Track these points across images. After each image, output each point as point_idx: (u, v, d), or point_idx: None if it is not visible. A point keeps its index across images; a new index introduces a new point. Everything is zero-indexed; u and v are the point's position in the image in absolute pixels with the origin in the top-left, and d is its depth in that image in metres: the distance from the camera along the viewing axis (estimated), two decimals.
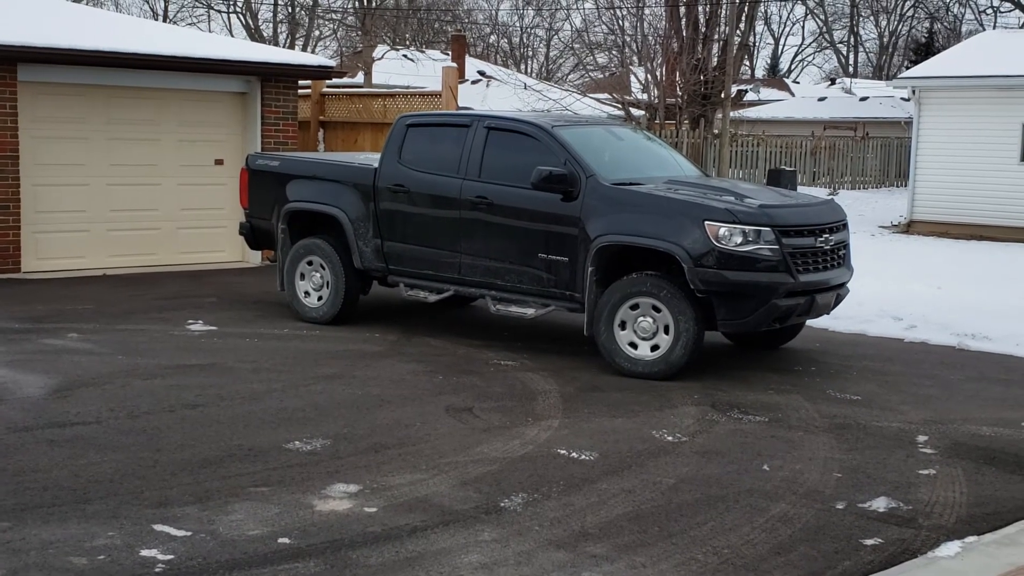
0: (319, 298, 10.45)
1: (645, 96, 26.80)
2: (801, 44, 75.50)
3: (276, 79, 14.51)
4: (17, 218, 12.69)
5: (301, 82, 15.44)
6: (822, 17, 66.96)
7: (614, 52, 31.26)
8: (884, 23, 66.57)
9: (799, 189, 10.76)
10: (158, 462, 6.13)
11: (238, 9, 52.13)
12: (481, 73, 41.73)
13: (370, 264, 10.16)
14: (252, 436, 6.68)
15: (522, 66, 62.19)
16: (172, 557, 4.82)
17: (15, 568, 4.66)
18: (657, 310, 8.46)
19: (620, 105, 26.56)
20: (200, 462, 6.15)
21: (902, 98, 34.53)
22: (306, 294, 10.55)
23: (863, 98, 42.84)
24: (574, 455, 6.50)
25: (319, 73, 15.44)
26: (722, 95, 25.31)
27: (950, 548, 5.22)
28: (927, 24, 61.36)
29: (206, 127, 14.29)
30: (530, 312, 9.32)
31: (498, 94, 33.97)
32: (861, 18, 67.29)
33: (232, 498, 5.58)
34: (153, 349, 9.06)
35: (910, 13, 63.52)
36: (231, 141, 14.49)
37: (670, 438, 6.94)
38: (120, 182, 13.59)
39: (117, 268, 13.49)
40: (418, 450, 6.51)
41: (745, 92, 35.56)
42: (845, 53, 69.88)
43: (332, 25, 47.56)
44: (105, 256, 13.53)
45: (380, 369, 8.63)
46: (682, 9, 26.48)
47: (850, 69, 66.97)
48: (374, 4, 41.65)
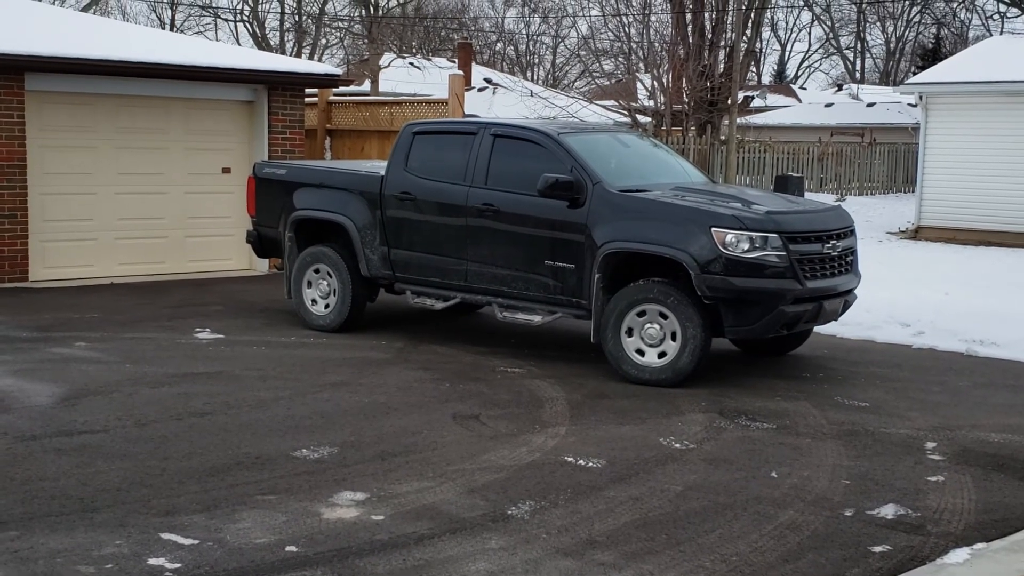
0: (326, 306, 10.46)
1: (651, 103, 26.80)
2: (808, 50, 75.46)
3: (283, 87, 14.54)
4: (25, 227, 12.72)
5: (308, 90, 15.47)
6: (829, 23, 66.97)
7: (620, 59, 31.26)
8: (891, 29, 66.59)
9: (806, 195, 10.75)
10: (165, 470, 6.13)
11: (245, 18, 52.30)
12: (487, 80, 41.84)
13: (377, 272, 10.17)
14: (259, 444, 6.68)
15: (528, 73, 62.30)
16: (180, 566, 4.82)
17: None
18: (664, 317, 8.46)
19: (626, 112, 26.57)
20: (207, 470, 6.15)
21: (909, 104, 34.48)
22: (313, 302, 10.55)
23: (870, 104, 42.81)
24: (581, 462, 6.50)
25: (326, 81, 15.47)
26: (728, 101, 25.30)
27: (959, 555, 5.21)
28: (934, 30, 61.31)
29: (213, 135, 14.32)
30: (537, 319, 9.32)
31: (504, 101, 34.04)
32: (868, 24, 67.32)
33: (239, 506, 5.58)
34: (160, 357, 9.08)
35: (917, 19, 63.51)
36: (238, 149, 14.52)
37: (677, 445, 6.93)
38: (127, 191, 13.62)
39: (125, 277, 13.51)
40: (425, 458, 6.51)
41: (752, 98, 35.58)
42: (852, 59, 69.91)
43: (339, 33, 47.69)
44: (113, 265, 13.56)
45: (387, 377, 8.63)
46: (688, 16, 26.49)
47: (857, 75, 66.97)
48: (380, 12, 41.76)
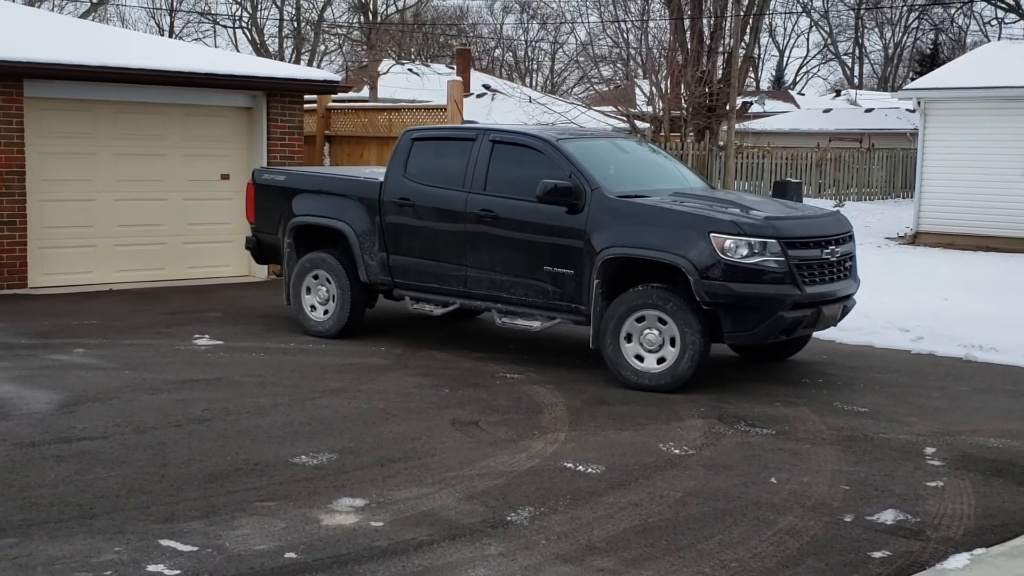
0: (325, 312, 10.46)
1: (650, 108, 26.85)
2: (806, 56, 75.60)
3: (282, 94, 14.55)
4: (24, 233, 12.72)
5: (307, 96, 15.48)
6: (827, 29, 67.08)
7: (619, 65, 31.31)
8: (889, 35, 66.71)
9: (805, 201, 10.75)
10: (164, 477, 6.13)
11: (244, 24, 52.39)
12: (486, 87, 41.88)
13: (376, 278, 10.17)
14: (258, 450, 6.68)
15: (527, 79, 62.38)
16: (179, 572, 4.82)
17: None
18: (663, 322, 8.46)
19: (625, 118, 26.61)
20: (206, 477, 6.15)
21: (907, 109, 34.57)
22: (312, 308, 10.56)
23: (868, 110, 42.88)
24: (580, 468, 6.49)
25: (324, 88, 15.48)
26: (727, 107, 25.34)
27: (958, 560, 5.20)
28: (932, 36, 61.46)
29: (212, 142, 14.33)
30: (536, 325, 9.31)
31: (503, 107, 34.08)
32: (866, 30, 67.43)
33: (239, 513, 5.58)
34: (159, 364, 9.07)
35: (915, 25, 63.66)
36: (237, 156, 14.53)
37: (677, 451, 6.93)
38: (126, 197, 13.63)
39: (123, 283, 13.51)
40: (424, 464, 6.50)
41: (750, 104, 35.60)
42: (850, 65, 70.00)
43: (337, 40, 47.75)
44: (111, 271, 13.56)
45: (386, 383, 8.63)
46: (687, 22, 26.53)
47: (855, 81, 67.06)
48: (379, 19, 41.80)
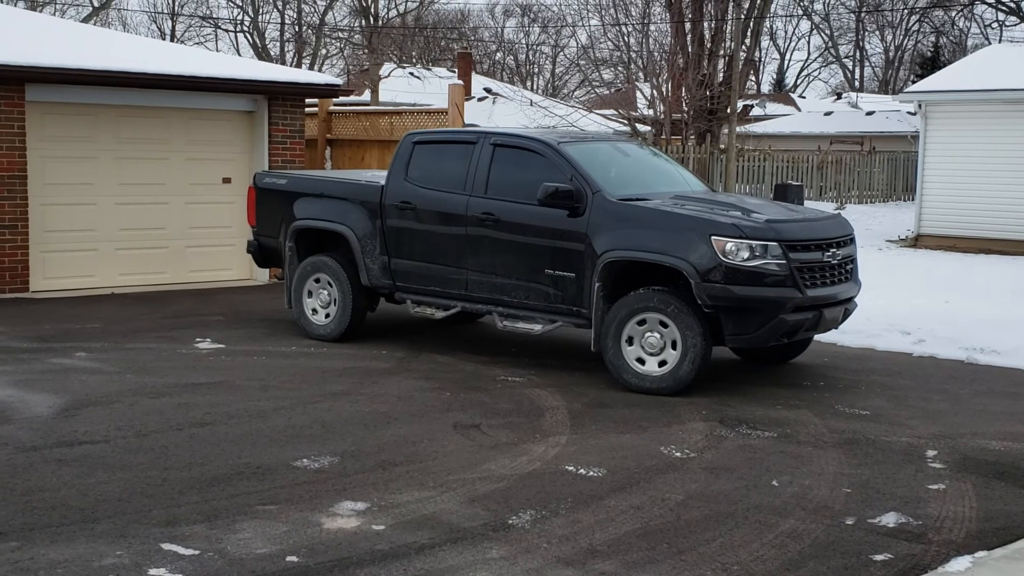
0: (327, 315, 10.47)
1: (651, 112, 26.86)
2: (807, 59, 75.58)
3: (283, 97, 14.57)
4: (25, 237, 12.74)
5: (308, 100, 15.50)
6: (827, 32, 67.07)
7: (620, 68, 31.31)
8: (890, 37, 66.71)
9: (806, 203, 10.75)
10: (166, 480, 6.13)
11: (245, 28, 52.44)
12: (487, 90, 41.90)
13: (377, 281, 10.18)
14: (260, 454, 6.68)
15: (528, 83, 62.41)
16: None
17: None
18: (664, 325, 8.46)
19: (626, 121, 26.61)
20: (208, 480, 6.15)
21: (908, 112, 34.54)
22: (314, 311, 10.56)
23: (869, 112, 42.89)
24: (582, 472, 6.49)
25: (326, 91, 15.49)
26: (728, 110, 25.35)
27: (960, 563, 5.20)
28: (933, 38, 61.42)
29: (214, 146, 14.35)
30: (537, 328, 9.32)
31: (504, 111, 34.08)
32: (867, 32, 67.41)
33: (240, 516, 5.58)
34: (161, 367, 9.08)
35: (916, 27, 63.60)
36: (239, 159, 14.54)
37: (678, 454, 6.93)
38: (128, 201, 13.64)
39: (125, 287, 13.52)
40: (426, 467, 6.51)
41: (751, 107, 35.63)
42: (851, 67, 70.00)
43: (339, 43, 47.78)
44: (113, 275, 13.57)
45: (387, 386, 8.63)
46: (687, 25, 26.54)
47: (856, 83, 67.05)
48: (380, 22, 41.84)
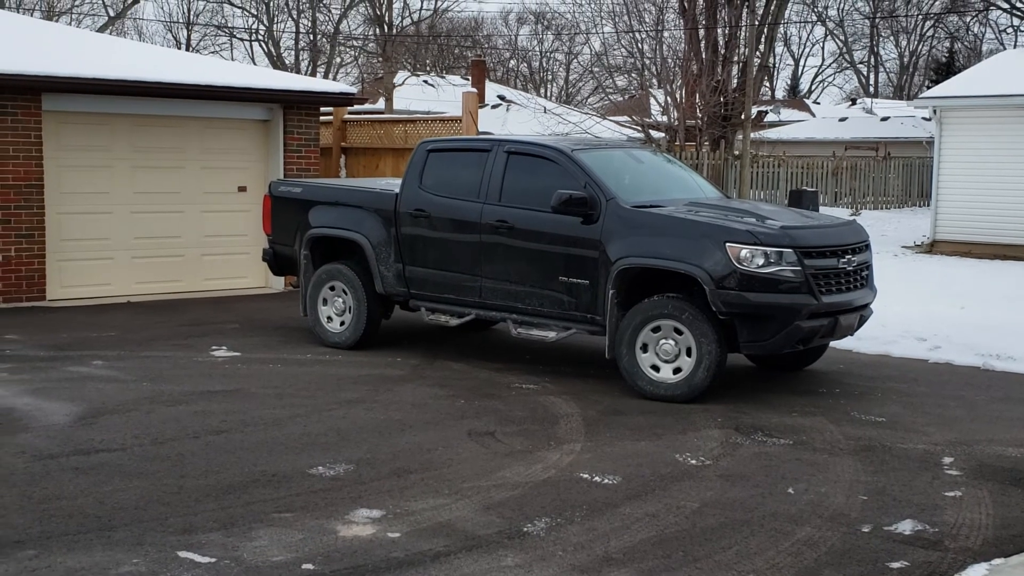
0: (341, 323, 10.49)
1: (665, 118, 26.85)
2: (821, 65, 75.47)
3: (298, 106, 14.61)
4: (42, 246, 12.80)
5: (323, 109, 15.54)
6: (842, 38, 66.95)
7: (633, 75, 31.33)
8: (904, 43, 66.54)
9: (821, 210, 10.74)
10: (183, 488, 6.15)
11: (260, 37, 52.63)
12: (501, 98, 41.94)
13: (392, 289, 10.20)
14: (276, 462, 6.69)
15: (542, 90, 62.44)
16: None
17: None
18: (679, 332, 8.45)
19: (640, 128, 26.61)
20: (224, 488, 6.17)
21: (923, 118, 34.42)
22: (329, 319, 10.58)
23: (884, 118, 42.76)
24: (597, 479, 6.49)
25: (340, 100, 15.54)
26: (742, 116, 25.31)
27: (977, 571, 5.18)
28: (947, 44, 61.24)
29: (229, 154, 14.40)
30: (551, 335, 9.32)
31: (518, 118, 34.12)
32: (881, 38, 67.27)
33: (256, 524, 5.59)
34: (177, 375, 9.11)
35: (930, 33, 63.44)
36: (254, 168, 14.59)
37: (694, 461, 6.92)
38: (144, 210, 13.70)
39: (141, 295, 13.57)
40: (441, 475, 6.51)
41: (765, 113, 35.57)
42: (865, 73, 69.84)
43: (353, 52, 47.90)
44: (129, 283, 13.62)
45: (402, 394, 8.64)
46: (701, 32, 26.53)
47: (871, 89, 66.87)
48: (395, 31, 41.94)
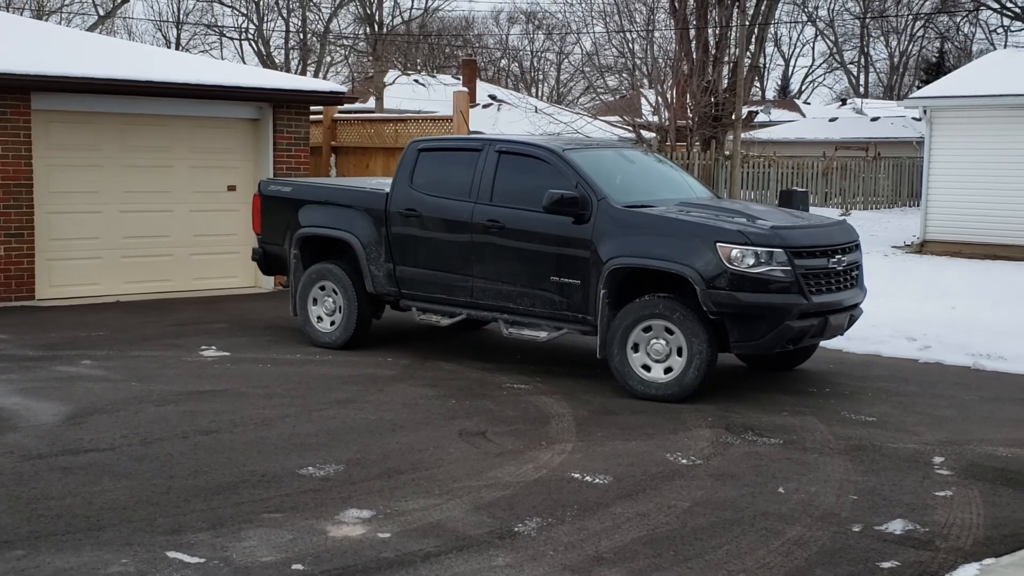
0: (332, 323, 10.47)
1: (656, 118, 26.84)
2: (811, 65, 75.67)
3: (288, 105, 14.58)
4: (31, 245, 12.75)
5: (313, 108, 15.51)
6: (832, 38, 67.08)
7: (624, 75, 31.36)
8: (894, 43, 66.69)
9: (811, 210, 10.74)
10: (171, 488, 6.13)
11: (250, 36, 52.52)
12: (492, 97, 41.92)
13: (382, 288, 10.18)
14: (265, 462, 6.67)
15: (533, 90, 62.43)
16: None
17: None
18: (670, 332, 8.45)
19: (631, 127, 26.60)
20: (213, 488, 6.14)
21: (913, 118, 34.48)
22: (319, 319, 10.56)
23: (874, 118, 42.83)
24: (588, 479, 6.48)
25: (330, 99, 15.51)
26: (733, 116, 25.33)
27: (968, 571, 5.19)
28: (937, 44, 61.39)
29: (218, 153, 14.36)
30: (543, 335, 9.31)
31: (509, 118, 34.08)
32: (871, 38, 67.41)
33: (246, 524, 5.57)
34: (166, 375, 9.08)
35: (920, 33, 63.61)
36: (243, 167, 14.56)
37: (684, 461, 6.91)
38: (133, 209, 13.66)
39: (130, 295, 13.53)
40: (431, 475, 6.50)
41: (756, 113, 35.59)
42: (856, 73, 69.97)
43: (343, 51, 47.85)
44: (119, 283, 13.58)
45: (393, 394, 8.62)
46: (692, 31, 26.55)
47: (861, 89, 67.00)
48: (385, 30, 41.89)
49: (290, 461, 6.70)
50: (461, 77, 43.86)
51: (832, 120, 44.42)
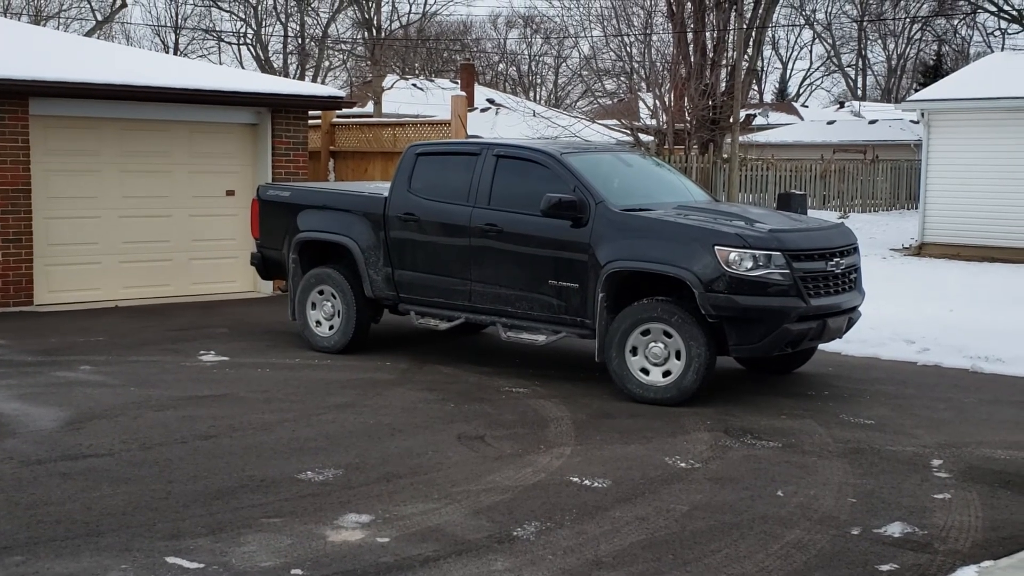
0: (330, 327, 10.47)
1: (654, 122, 26.85)
2: (809, 68, 75.68)
3: (286, 110, 14.59)
4: (29, 251, 12.75)
5: (311, 112, 15.52)
6: (830, 41, 67.13)
7: (622, 79, 31.36)
8: (892, 46, 66.73)
9: (809, 213, 10.75)
10: (170, 494, 6.13)
11: (248, 41, 52.56)
12: (490, 101, 41.91)
13: (381, 292, 10.18)
14: (264, 467, 6.67)
15: (531, 94, 62.45)
16: None
17: None
18: (668, 336, 8.45)
19: (629, 131, 26.62)
20: (212, 493, 6.15)
21: (911, 120, 34.57)
22: (317, 323, 10.56)
23: (872, 121, 42.88)
24: (587, 483, 6.48)
25: (329, 103, 15.52)
26: (731, 120, 25.35)
27: (966, 573, 5.19)
28: (935, 47, 61.45)
29: (217, 158, 14.37)
30: (541, 339, 9.31)
31: (507, 122, 34.10)
32: (869, 41, 67.46)
33: (245, 529, 5.57)
34: (165, 380, 9.08)
35: (918, 36, 63.64)
36: (242, 172, 14.56)
37: (683, 464, 6.92)
38: (132, 214, 13.66)
39: (129, 300, 13.53)
40: (430, 479, 6.50)
41: (754, 116, 35.62)
42: (853, 76, 70.02)
43: (342, 55, 47.87)
44: (117, 288, 13.58)
45: (391, 398, 8.63)
46: (690, 35, 26.57)
47: (859, 92, 67.05)
48: (383, 34, 41.92)
49: (289, 466, 6.70)
50: (459, 81, 43.87)
51: (830, 123, 44.47)
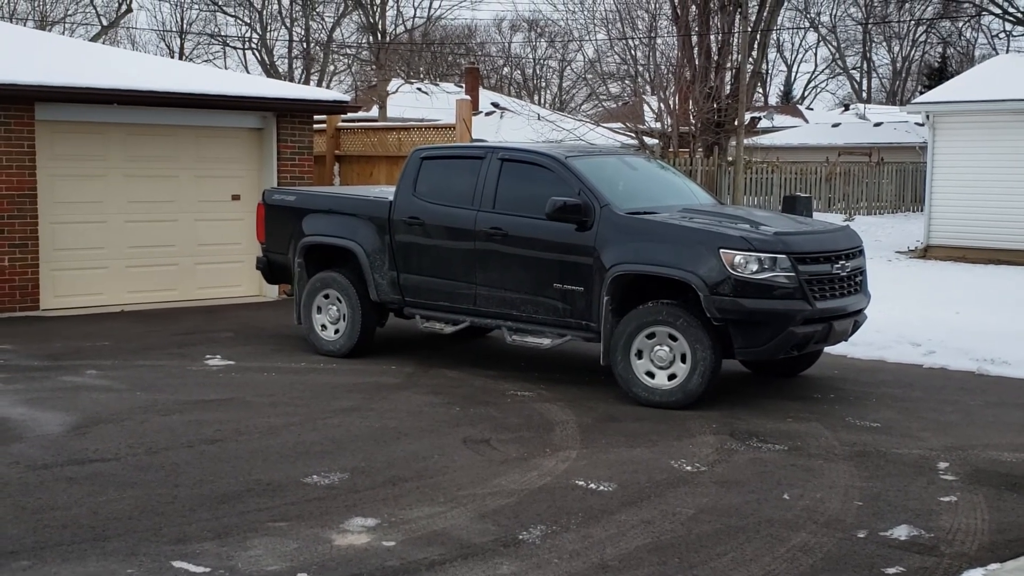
0: (336, 331, 10.48)
1: (658, 125, 26.85)
2: (814, 71, 75.65)
3: (292, 114, 14.61)
4: (36, 256, 12.77)
5: (316, 117, 15.55)
6: (835, 44, 67.08)
7: (627, 82, 31.35)
8: (897, 49, 66.66)
9: (815, 215, 10.74)
10: (177, 498, 6.13)
11: (253, 46, 52.63)
12: (495, 105, 41.92)
13: (386, 296, 10.19)
14: (270, 471, 6.68)
15: (535, 97, 62.45)
16: None
17: None
18: (674, 339, 8.45)
19: (634, 134, 26.61)
20: (219, 497, 6.15)
21: (916, 123, 34.50)
22: (323, 327, 10.57)
23: (877, 124, 42.81)
24: (592, 486, 6.48)
25: (334, 108, 15.55)
26: (735, 122, 25.34)
27: None
28: (940, 49, 61.39)
29: (223, 163, 14.39)
30: (546, 342, 9.31)
31: (512, 125, 34.08)
32: (874, 44, 67.38)
33: (251, 533, 5.58)
34: (171, 385, 9.09)
35: (923, 39, 63.59)
36: (248, 176, 14.58)
37: (689, 468, 6.91)
38: (138, 218, 13.69)
39: (135, 304, 13.56)
40: (436, 483, 6.50)
41: (759, 119, 35.57)
42: (858, 79, 69.96)
43: (347, 60, 47.93)
44: (123, 292, 13.60)
45: (397, 401, 8.63)
46: (694, 38, 26.57)
47: (864, 95, 67.00)
48: (388, 39, 41.97)
49: (295, 470, 6.70)
50: (464, 85, 43.90)
51: (835, 125, 44.39)
